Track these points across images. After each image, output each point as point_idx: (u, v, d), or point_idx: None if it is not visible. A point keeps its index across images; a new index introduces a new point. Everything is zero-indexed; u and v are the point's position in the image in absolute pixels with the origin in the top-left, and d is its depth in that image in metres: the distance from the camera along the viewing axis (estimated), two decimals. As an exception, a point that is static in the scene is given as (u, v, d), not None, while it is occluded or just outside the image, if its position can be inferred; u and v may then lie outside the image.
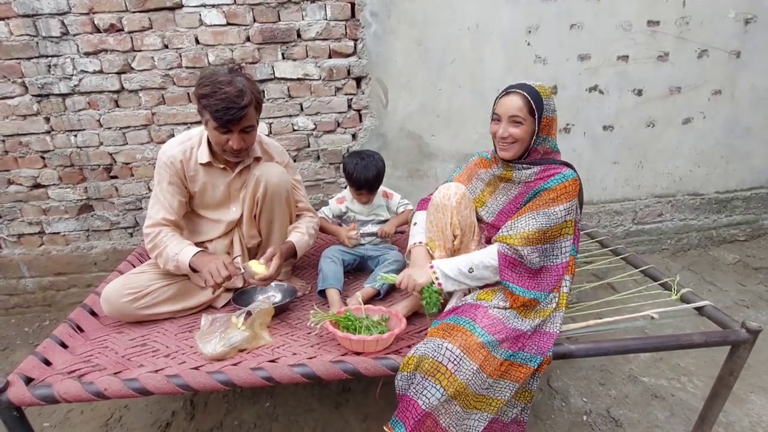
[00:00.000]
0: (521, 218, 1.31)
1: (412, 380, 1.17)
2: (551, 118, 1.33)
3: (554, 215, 1.28)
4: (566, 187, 1.29)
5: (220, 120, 1.36)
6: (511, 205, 1.41)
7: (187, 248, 1.48)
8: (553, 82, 2.37)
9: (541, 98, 1.30)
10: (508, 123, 1.32)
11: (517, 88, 1.32)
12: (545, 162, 1.35)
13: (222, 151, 1.49)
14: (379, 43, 2.20)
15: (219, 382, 1.14)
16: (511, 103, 1.31)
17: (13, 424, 1.14)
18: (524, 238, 1.28)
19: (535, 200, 1.31)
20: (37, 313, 2.52)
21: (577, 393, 1.77)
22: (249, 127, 1.44)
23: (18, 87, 2.13)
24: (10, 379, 1.14)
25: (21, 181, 2.29)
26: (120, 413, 1.76)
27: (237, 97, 1.35)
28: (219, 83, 1.35)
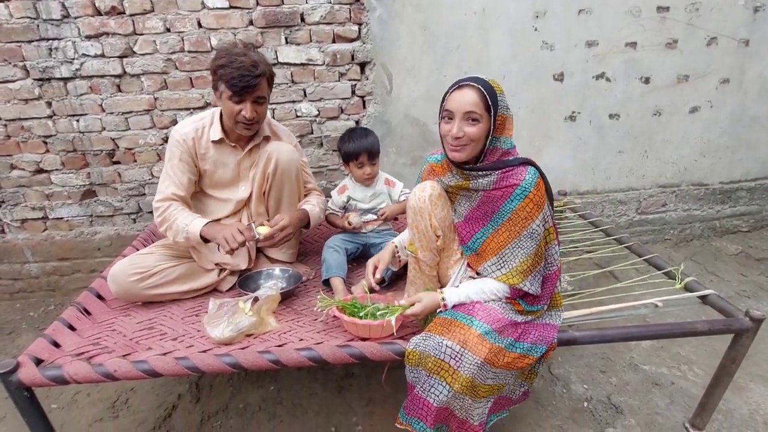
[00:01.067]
0: (507, 250, 1.24)
1: (419, 376, 1.18)
2: (506, 116, 1.20)
3: (535, 232, 1.21)
4: (533, 199, 1.20)
5: (236, 87, 1.42)
6: (476, 212, 1.31)
7: (198, 219, 1.52)
8: (560, 69, 2.35)
9: (496, 94, 1.16)
10: (462, 121, 1.18)
11: (470, 81, 1.17)
12: (502, 164, 1.23)
13: (235, 123, 1.52)
14: (384, 27, 2.17)
15: (227, 365, 1.15)
16: (465, 97, 1.16)
17: (24, 404, 1.16)
18: (521, 273, 1.23)
19: (508, 224, 1.23)
20: (42, 297, 2.54)
21: (578, 380, 1.79)
22: (261, 98, 1.51)
23: (19, 71, 2.11)
24: (21, 360, 1.15)
25: (23, 166, 2.28)
26: (126, 396, 1.78)
27: (252, 66, 1.43)
28: (235, 54, 1.44)
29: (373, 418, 1.62)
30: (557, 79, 2.37)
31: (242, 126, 1.53)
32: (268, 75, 1.52)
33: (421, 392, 1.17)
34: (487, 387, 1.18)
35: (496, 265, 1.27)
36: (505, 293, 1.27)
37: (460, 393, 1.14)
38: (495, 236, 1.26)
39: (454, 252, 1.38)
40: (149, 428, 1.63)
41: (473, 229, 1.31)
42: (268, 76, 1.51)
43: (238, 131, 1.56)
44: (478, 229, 1.30)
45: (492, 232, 1.27)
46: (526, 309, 1.28)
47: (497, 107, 1.16)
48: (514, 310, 1.27)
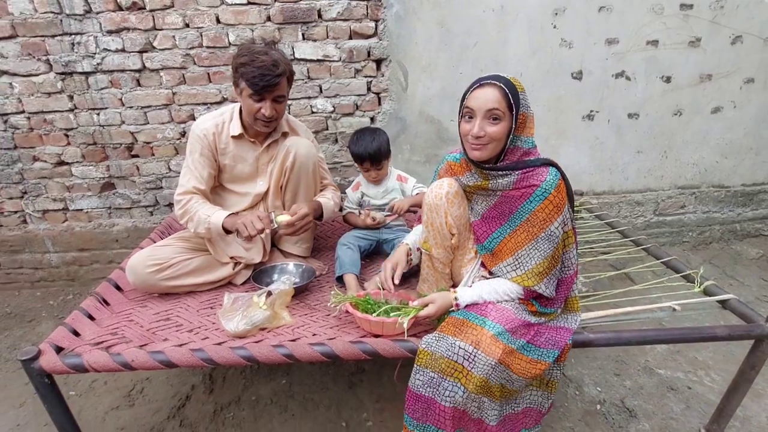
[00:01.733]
0: (523, 252, 1.22)
1: (429, 380, 1.15)
2: (527, 114, 1.18)
3: (553, 235, 1.19)
4: (552, 201, 1.17)
5: (256, 86, 1.44)
6: (493, 211, 1.29)
7: (219, 211, 1.55)
8: (579, 67, 2.31)
9: (518, 92, 1.14)
10: (484, 119, 1.15)
11: (491, 79, 1.15)
12: (522, 165, 1.21)
13: (254, 120, 1.54)
14: (401, 24, 2.16)
15: (242, 358, 1.17)
16: (487, 95, 1.14)
17: (45, 390, 1.19)
18: (537, 275, 1.21)
19: (526, 225, 1.21)
20: (61, 287, 2.60)
21: (592, 382, 1.77)
22: (280, 96, 1.53)
23: (43, 64, 2.15)
24: (42, 347, 1.18)
25: (46, 158, 2.33)
26: (142, 385, 1.82)
27: (273, 65, 1.45)
28: (256, 53, 1.45)
29: (384, 414, 1.63)
30: (575, 77, 2.33)
31: (261, 123, 1.55)
32: (288, 74, 1.53)
33: (434, 395, 1.15)
34: (504, 388, 1.17)
35: (512, 265, 1.26)
36: (518, 294, 1.26)
37: (476, 394, 1.13)
38: (512, 237, 1.25)
39: (468, 250, 1.38)
40: (164, 417, 1.66)
41: (490, 229, 1.30)
42: (288, 75, 1.53)
43: (257, 128, 1.58)
44: (495, 229, 1.29)
45: (509, 232, 1.26)
46: (540, 310, 1.27)
47: (519, 105, 1.15)
48: (528, 310, 1.26)
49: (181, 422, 1.64)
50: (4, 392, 1.83)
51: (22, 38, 2.10)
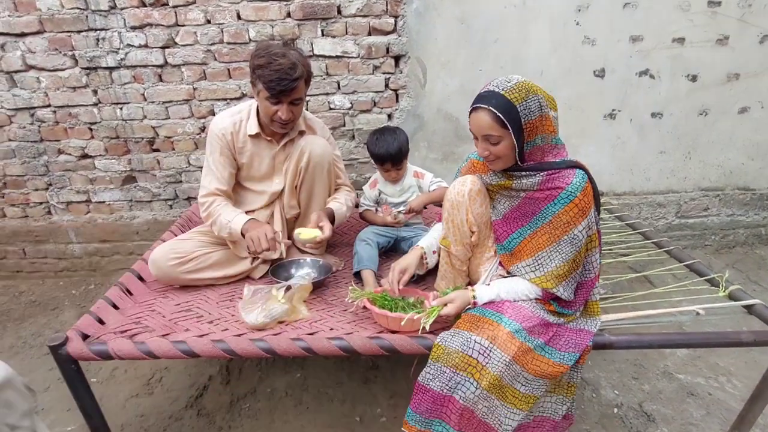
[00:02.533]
0: (544, 253, 1.21)
1: (440, 374, 1.13)
2: (537, 119, 1.13)
3: (576, 239, 1.17)
4: (578, 204, 1.15)
5: (273, 90, 1.42)
6: (515, 211, 1.28)
7: (239, 216, 1.56)
8: (601, 64, 2.27)
9: (514, 106, 1.10)
10: (484, 141, 1.17)
11: (482, 101, 1.13)
12: (548, 166, 1.18)
13: (270, 121, 1.54)
14: (420, 20, 2.15)
15: (261, 350, 1.18)
16: (480, 121, 1.14)
17: (71, 375, 1.22)
18: (557, 277, 1.20)
19: (548, 227, 1.20)
20: (83, 277, 2.67)
21: (609, 385, 1.75)
22: (298, 99, 1.51)
23: (68, 59, 2.20)
24: (69, 334, 1.22)
25: (70, 151, 2.39)
26: (161, 374, 1.86)
27: (290, 69, 1.42)
28: (274, 55, 1.42)
29: (398, 411, 1.63)
30: (598, 75, 2.29)
31: (278, 125, 1.54)
32: (306, 76, 1.50)
33: (445, 390, 1.13)
34: (517, 393, 1.15)
35: (531, 266, 1.24)
36: (536, 295, 1.25)
37: (488, 392, 1.11)
38: (532, 238, 1.24)
39: (488, 249, 1.37)
40: (182, 406, 1.69)
41: (510, 229, 1.29)
42: (306, 77, 1.50)
43: (274, 129, 1.58)
44: (516, 229, 1.28)
45: (530, 233, 1.24)
46: (558, 310, 1.25)
47: (520, 119, 1.11)
48: (546, 309, 1.25)
49: (199, 411, 1.67)
50: (29, 377, 1.89)
51: (49, 34, 2.15)
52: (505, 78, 1.15)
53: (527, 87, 1.13)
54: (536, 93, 1.13)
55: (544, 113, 1.14)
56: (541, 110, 1.13)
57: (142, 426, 1.62)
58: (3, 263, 2.64)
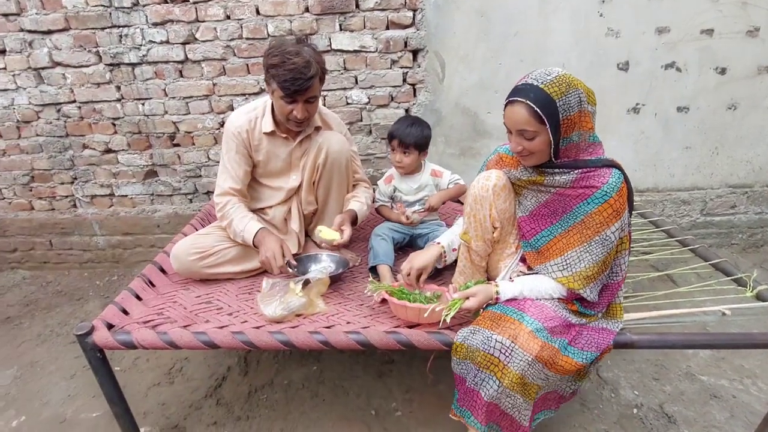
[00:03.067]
0: (573, 253, 1.18)
1: (468, 369, 1.17)
2: (575, 115, 1.08)
3: (608, 240, 1.14)
4: (612, 204, 1.11)
5: (287, 90, 1.41)
6: (544, 209, 1.25)
7: (250, 225, 1.57)
8: (625, 57, 2.21)
9: (553, 100, 1.05)
10: (518, 136, 1.13)
11: (519, 94, 1.09)
12: (583, 164, 1.15)
13: (286, 120, 1.53)
14: (439, 13, 2.13)
15: (279, 342, 1.20)
16: (515, 115, 1.10)
17: (97, 364, 1.26)
18: (585, 278, 1.17)
19: (580, 226, 1.16)
20: (107, 268, 2.74)
21: (628, 385, 1.71)
22: (313, 97, 1.49)
23: (93, 56, 2.25)
24: (95, 324, 1.25)
25: (94, 145, 2.45)
26: (181, 364, 1.90)
27: (304, 68, 1.39)
28: (287, 53, 1.40)
29: (413, 405, 1.64)
30: (622, 68, 2.23)
31: (293, 124, 1.54)
32: (320, 74, 1.49)
33: (472, 385, 1.16)
34: (537, 386, 1.15)
35: (559, 266, 1.21)
36: (560, 294, 1.23)
37: (510, 390, 1.11)
38: (563, 237, 1.21)
39: (509, 245, 1.35)
40: (201, 396, 1.73)
41: (538, 227, 1.26)
42: (320, 75, 1.48)
43: (289, 127, 1.58)
44: (544, 227, 1.25)
45: (561, 232, 1.21)
46: (580, 310, 1.23)
47: (558, 114, 1.07)
48: (568, 309, 1.23)
49: (218, 401, 1.70)
50: (56, 364, 1.96)
51: (74, 31, 2.21)
52: (544, 70, 1.10)
53: (568, 80, 1.08)
54: (577, 87, 1.08)
55: (583, 109, 1.09)
56: (581, 105, 1.09)
57: (163, 414, 1.66)
58: (31, 254, 2.73)
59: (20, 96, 2.35)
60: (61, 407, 1.72)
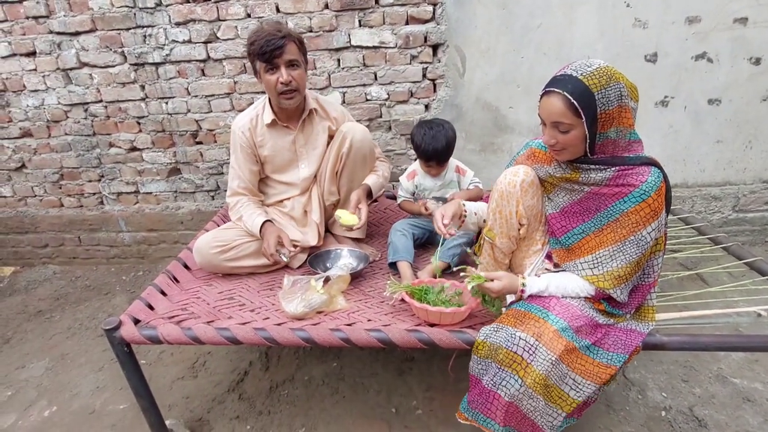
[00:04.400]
0: (605, 252, 1.14)
1: (488, 368, 1.14)
2: (614, 109, 1.04)
3: (643, 240, 1.10)
4: (650, 204, 1.07)
5: (265, 54, 1.47)
6: (576, 206, 1.21)
7: (257, 220, 1.62)
8: (653, 48, 2.13)
9: (591, 93, 1.01)
10: (552, 129, 1.09)
11: (557, 85, 1.05)
12: (620, 161, 1.10)
13: (277, 96, 1.56)
14: (460, 7, 2.09)
15: (301, 339, 1.20)
16: (551, 107, 1.06)
17: (124, 358, 1.29)
18: (616, 278, 1.13)
19: (615, 225, 1.12)
20: (132, 264, 2.81)
21: (656, 387, 1.66)
22: (294, 61, 1.53)
23: (118, 56, 2.30)
24: (123, 319, 1.28)
25: (120, 144, 2.51)
26: (204, 358, 1.94)
27: (276, 30, 1.49)
28: (260, 29, 1.52)
29: (433, 404, 1.63)
30: (649, 59, 2.16)
31: (284, 97, 1.55)
32: (296, 37, 1.54)
33: (490, 385, 1.13)
34: (563, 394, 1.12)
35: (589, 264, 1.18)
36: (588, 293, 1.19)
37: (533, 390, 1.08)
38: (596, 236, 1.17)
39: (535, 242, 1.32)
40: (224, 390, 1.76)
41: (570, 224, 1.23)
42: (295, 39, 1.54)
43: (282, 105, 1.59)
44: (576, 225, 1.21)
45: (593, 231, 1.17)
46: (608, 309, 1.20)
47: (594, 108, 1.03)
48: (595, 308, 1.19)
49: (240, 395, 1.73)
50: (85, 357, 2.02)
51: (100, 32, 2.26)
52: (585, 61, 1.06)
53: (609, 73, 1.03)
54: (618, 80, 1.03)
55: (623, 104, 1.05)
56: (621, 100, 1.04)
57: (187, 407, 1.70)
58: (61, 250, 2.82)
59: (50, 96, 2.42)
60: (90, 398, 1.78)
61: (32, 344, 2.14)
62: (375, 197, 1.76)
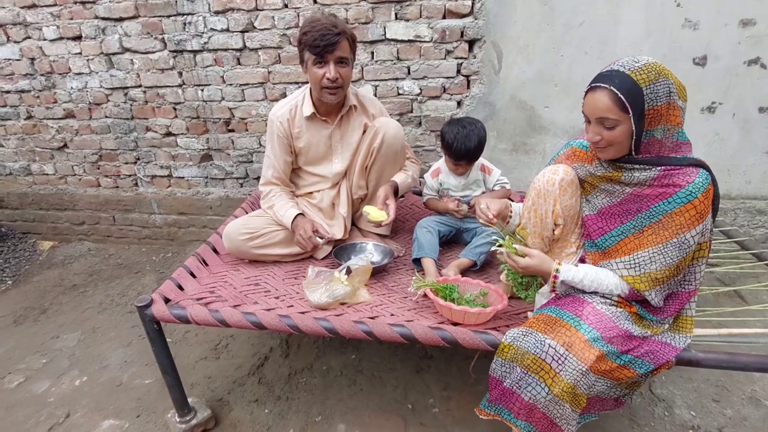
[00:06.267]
0: (644, 253, 1.10)
1: (511, 371, 1.11)
2: (663, 106, 1.01)
3: (686, 243, 1.05)
4: (696, 206, 1.03)
5: (318, 47, 1.47)
6: (616, 208, 1.17)
7: (289, 212, 1.64)
8: (703, 51, 2.03)
9: (640, 88, 0.99)
10: (597, 125, 1.07)
11: (603, 80, 1.03)
12: (667, 161, 1.06)
13: (320, 90, 1.56)
14: (500, 2, 2.04)
15: (324, 329, 1.21)
16: (596, 102, 1.04)
17: (153, 335, 1.33)
18: (654, 280, 1.09)
19: (657, 226, 1.08)
20: (162, 245, 2.90)
21: (684, 405, 1.60)
22: (343, 59, 1.53)
23: (159, 43, 2.36)
24: (154, 297, 1.32)
25: (156, 128, 2.58)
26: (227, 341, 1.98)
27: (332, 26, 1.48)
28: (316, 20, 1.51)
29: (450, 403, 1.61)
30: (698, 63, 2.05)
31: (327, 92, 1.55)
32: (350, 35, 1.54)
33: (513, 387, 1.11)
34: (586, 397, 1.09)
35: (626, 264, 1.14)
36: (622, 292, 1.15)
37: (560, 398, 1.05)
38: (635, 238, 1.13)
39: (570, 244, 1.28)
40: (244, 373, 1.80)
41: (607, 226, 1.19)
42: (349, 36, 1.54)
43: (324, 99, 1.59)
44: (614, 227, 1.17)
45: (633, 233, 1.13)
46: (640, 313, 1.15)
47: (642, 105, 1.00)
48: (630, 318, 1.14)
49: (260, 380, 1.76)
50: (115, 332, 2.10)
51: (143, 18, 2.32)
52: (632, 57, 1.04)
53: (658, 69, 1.01)
54: (667, 77, 1.01)
55: (672, 101, 1.02)
56: (670, 97, 1.01)
57: (209, 387, 1.74)
58: (96, 228, 2.94)
59: (93, 80, 2.51)
60: (118, 372, 1.85)
61: (67, 316, 2.24)
62: (401, 195, 1.75)
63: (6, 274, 2.63)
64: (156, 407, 1.65)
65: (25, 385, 1.81)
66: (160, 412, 1.63)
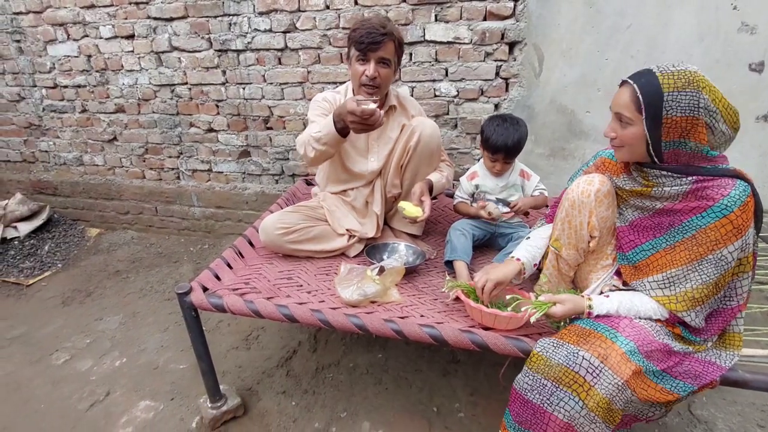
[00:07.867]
0: (678, 271, 1.05)
1: (537, 385, 1.05)
2: (682, 118, 0.96)
3: (724, 260, 1.00)
4: (733, 220, 0.97)
5: (362, 44, 1.50)
6: (647, 221, 1.13)
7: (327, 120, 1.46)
8: (761, 56, 1.91)
9: (661, 91, 0.95)
10: (615, 121, 1.07)
11: (633, 77, 1.03)
12: (696, 170, 1.01)
13: (359, 86, 1.59)
14: (543, 4, 2.00)
15: (354, 325, 1.22)
16: (618, 96, 1.05)
17: (191, 321, 1.39)
18: (691, 300, 1.04)
19: (690, 242, 1.03)
20: (200, 237, 3.01)
21: (726, 428, 1.51)
22: (386, 59, 1.56)
23: (205, 42, 2.46)
24: (193, 285, 1.38)
25: (199, 124, 2.69)
26: (257, 333, 2.04)
27: (380, 26, 1.52)
28: (367, 19, 1.57)
29: (477, 409, 1.59)
30: (755, 69, 1.94)
31: (365, 90, 1.58)
32: (397, 38, 1.56)
33: (544, 404, 1.05)
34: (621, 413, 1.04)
35: (659, 283, 1.09)
36: (661, 316, 1.10)
37: (595, 414, 1.01)
38: (666, 253, 1.08)
39: (606, 256, 1.24)
40: (273, 365, 1.84)
41: (638, 240, 1.15)
42: (396, 39, 1.56)
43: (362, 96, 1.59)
44: (645, 241, 1.13)
45: (664, 247, 1.09)
46: (683, 334, 1.10)
47: (658, 108, 0.97)
48: (671, 333, 1.09)
49: (288, 372, 1.80)
50: (153, 317, 2.20)
51: (191, 18, 2.42)
52: (675, 62, 1.02)
53: (692, 79, 0.96)
54: (699, 89, 0.96)
55: (697, 118, 0.96)
56: (696, 112, 0.96)
57: (239, 376, 1.79)
58: (139, 218, 3.09)
59: (143, 76, 2.64)
60: (154, 355, 1.93)
61: (110, 300, 2.36)
62: (435, 195, 1.74)
63: (57, 258, 2.80)
64: (189, 392, 1.72)
65: (70, 362, 1.92)
66: (193, 396, 1.69)
